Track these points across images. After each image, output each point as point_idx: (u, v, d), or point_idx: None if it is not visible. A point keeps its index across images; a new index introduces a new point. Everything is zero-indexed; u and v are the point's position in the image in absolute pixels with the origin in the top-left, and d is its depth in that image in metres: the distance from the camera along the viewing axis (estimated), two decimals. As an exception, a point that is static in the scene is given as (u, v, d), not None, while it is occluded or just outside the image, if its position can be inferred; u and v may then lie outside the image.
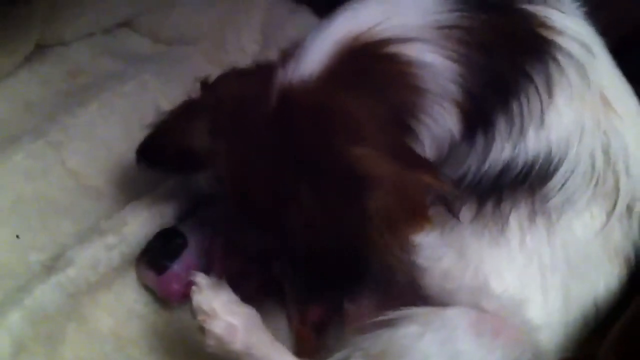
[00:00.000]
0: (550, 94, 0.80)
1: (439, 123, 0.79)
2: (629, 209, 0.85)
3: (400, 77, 0.77)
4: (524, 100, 0.79)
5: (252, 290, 0.97)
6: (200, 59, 1.31)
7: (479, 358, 0.79)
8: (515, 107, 0.79)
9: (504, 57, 0.79)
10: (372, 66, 0.78)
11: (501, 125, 0.79)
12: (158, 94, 1.18)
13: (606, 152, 0.83)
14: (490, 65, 0.78)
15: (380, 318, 0.82)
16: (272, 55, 1.23)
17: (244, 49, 1.31)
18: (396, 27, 0.78)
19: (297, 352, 0.88)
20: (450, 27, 0.78)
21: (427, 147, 0.80)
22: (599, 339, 0.81)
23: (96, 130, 1.09)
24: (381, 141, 0.76)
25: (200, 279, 0.86)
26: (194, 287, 0.85)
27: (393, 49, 0.77)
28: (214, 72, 1.25)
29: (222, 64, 1.28)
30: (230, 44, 1.31)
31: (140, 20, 1.36)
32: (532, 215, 0.82)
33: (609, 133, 0.83)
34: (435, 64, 0.77)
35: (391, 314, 0.81)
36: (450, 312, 0.80)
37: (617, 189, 0.83)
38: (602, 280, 0.85)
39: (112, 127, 1.11)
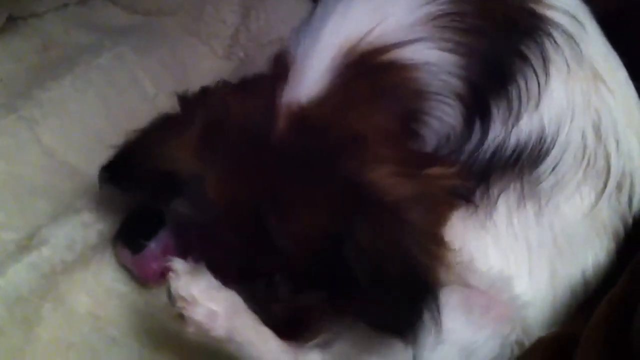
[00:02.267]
0: (547, 73, 0.79)
1: (442, 121, 0.79)
2: (619, 184, 0.84)
3: (402, 84, 0.77)
4: (522, 84, 0.79)
5: (233, 272, 0.94)
6: (179, 31, 1.27)
7: (469, 335, 0.79)
8: (513, 92, 0.79)
9: (500, 38, 0.79)
10: (373, 78, 0.76)
11: (499, 112, 0.79)
12: (135, 66, 1.14)
13: (597, 130, 0.82)
14: (487, 50, 0.77)
15: None
16: (253, 27, 1.24)
17: (224, 21, 1.27)
18: (389, 31, 0.76)
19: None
20: (442, 16, 0.77)
21: (429, 144, 0.80)
22: (586, 314, 0.80)
23: (71, 105, 1.06)
24: (395, 156, 0.74)
25: (178, 264, 0.83)
26: (171, 273, 0.82)
27: (391, 55, 0.76)
28: (192, 43, 1.24)
29: (201, 35, 1.26)
30: (209, 16, 1.28)
31: (115, -10, 1.31)
32: (520, 199, 0.81)
33: (600, 109, 0.83)
34: (436, 61, 0.76)
35: None
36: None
37: (607, 168, 0.83)
38: (590, 255, 0.85)
39: (88, 101, 1.07)
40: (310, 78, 0.76)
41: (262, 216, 0.76)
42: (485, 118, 0.79)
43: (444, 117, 0.78)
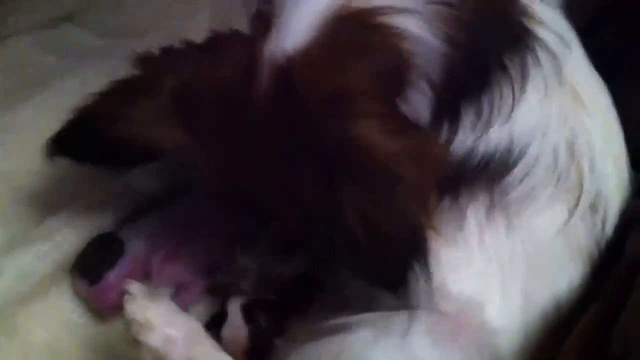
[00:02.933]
0: (523, 88, 0.77)
1: (419, 102, 0.76)
2: (593, 206, 0.82)
3: (392, 50, 0.73)
4: (496, 94, 0.77)
5: (193, 298, 0.92)
6: (148, 53, 1.24)
7: None
8: (486, 100, 0.77)
9: (486, 43, 0.76)
10: (362, 36, 0.73)
11: (468, 118, 0.77)
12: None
13: (570, 148, 0.81)
14: (472, 50, 0.75)
15: (332, 323, 0.77)
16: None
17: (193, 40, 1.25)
18: None
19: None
20: (439, 3, 0.74)
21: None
22: (559, 340, 0.79)
23: (30, 131, 1.03)
24: (382, 112, 0.71)
25: (134, 287, 0.81)
26: (126, 296, 0.80)
27: (384, 18, 0.73)
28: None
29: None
30: (178, 37, 1.25)
31: (84, 14, 1.29)
32: (490, 210, 0.79)
33: (576, 129, 0.81)
34: (424, 40, 0.73)
35: (343, 319, 0.77)
36: (406, 316, 0.76)
37: (580, 186, 0.81)
38: (564, 278, 0.82)
39: (49, 127, 1.03)
40: (296, 31, 0.72)
41: (252, 181, 0.74)
42: (454, 118, 0.77)
43: (420, 98, 0.75)
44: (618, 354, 0.71)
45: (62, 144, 0.86)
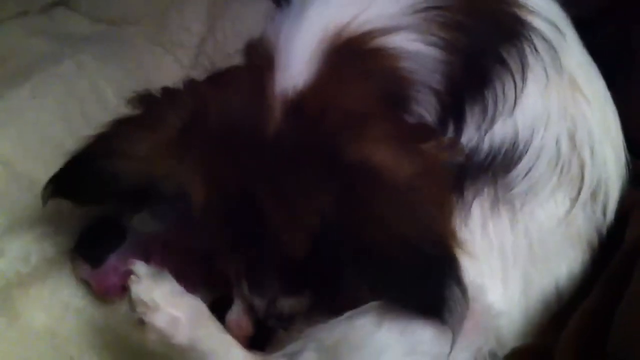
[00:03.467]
0: (524, 80, 0.78)
1: (424, 112, 0.78)
2: (594, 194, 0.83)
3: (389, 71, 0.75)
4: (499, 89, 0.78)
5: (192, 287, 0.92)
6: (143, 40, 1.23)
7: (440, 348, 0.75)
8: (490, 97, 0.78)
9: (482, 40, 0.78)
10: (360, 63, 0.75)
11: (473, 116, 0.78)
12: (97, 75, 1.10)
13: (572, 138, 0.82)
14: (468, 50, 0.76)
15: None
16: (219, 36, 1.21)
17: (190, 30, 1.24)
18: (374, 19, 0.75)
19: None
20: (427, 9, 0.76)
21: None
22: (559, 325, 0.79)
23: (29, 114, 1.02)
24: (392, 134, 0.73)
25: (140, 267, 0.80)
26: (132, 277, 0.79)
27: (377, 42, 0.75)
28: (157, 53, 1.22)
29: (166, 44, 1.23)
30: (174, 24, 1.25)
31: (78, -1, 1.27)
32: (495, 204, 0.80)
33: (576, 118, 0.82)
34: (420, 53, 0.75)
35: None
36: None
37: (581, 176, 0.82)
38: (564, 265, 0.83)
39: (47, 110, 1.03)
40: (298, 64, 0.74)
41: (256, 208, 0.73)
42: (459, 120, 0.78)
43: (424, 108, 0.77)
44: (617, 342, 0.71)
45: (60, 185, 0.85)
